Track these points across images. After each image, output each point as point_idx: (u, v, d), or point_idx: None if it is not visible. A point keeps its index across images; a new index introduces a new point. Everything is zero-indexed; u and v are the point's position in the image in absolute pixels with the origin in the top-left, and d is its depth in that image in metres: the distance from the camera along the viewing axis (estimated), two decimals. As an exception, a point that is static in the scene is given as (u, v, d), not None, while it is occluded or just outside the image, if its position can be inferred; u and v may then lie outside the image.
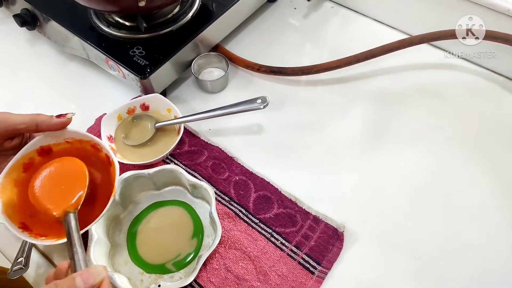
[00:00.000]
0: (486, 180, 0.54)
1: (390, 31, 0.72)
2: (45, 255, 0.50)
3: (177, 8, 0.64)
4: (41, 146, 0.40)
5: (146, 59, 0.58)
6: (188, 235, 0.50)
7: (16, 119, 0.36)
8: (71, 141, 0.41)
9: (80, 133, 0.40)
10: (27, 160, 0.39)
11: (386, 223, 0.51)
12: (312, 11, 0.76)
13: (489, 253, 0.48)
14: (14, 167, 0.38)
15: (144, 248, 0.49)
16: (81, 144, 0.41)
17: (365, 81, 0.65)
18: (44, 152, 0.40)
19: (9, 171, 0.38)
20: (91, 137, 0.40)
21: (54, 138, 0.40)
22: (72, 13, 0.64)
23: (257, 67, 0.64)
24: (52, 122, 0.37)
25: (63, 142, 0.41)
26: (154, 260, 0.48)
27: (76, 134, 0.40)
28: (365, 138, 0.59)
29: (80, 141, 0.41)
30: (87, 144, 0.41)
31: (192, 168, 0.55)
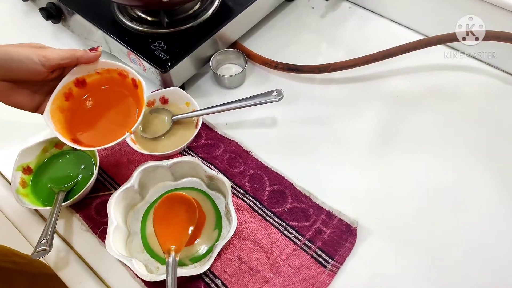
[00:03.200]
0: (499, 182, 0.54)
1: (407, 32, 0.72)
2: (65, 240, 0.51)
3: (198, 4, 0.66)
4: (77, 78, 0.47)
5: (167, 53, 0.59)
6: (211, 226, 0.51)
7: (60, 55, 0.41)
8: (100, 71, 0.48)
9: (108, 63, 0.47)
10: (67, 90, 0.47)
11: (399, 221, 0.51)
12: (330, 11, 0.76)
13: (501, 254, 0.48)
14: (57, 96, 0.45)
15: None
16: (109, 73, 0.48)
17: (380, 81, 0.66)
18: (79, 83, 0.48)
19: (54, 100, 0.45)
20: (118, 65, 0.47)
21: (86, 70, 0.47)
22: (96, 8, 0.66)
23: (274, 64, 0.65)
24: (90, 55, 0.44)
25: (94, 73, 0.48)
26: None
27: (104, 64, 0.47)
28: (379, 137, 0.59)
29: (108, 70, 0.48)
30: (114, 73, 0.48)
31: (209, 161, 0.57)
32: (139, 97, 0.48)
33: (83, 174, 0.55)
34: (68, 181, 0.54)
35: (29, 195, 0.52)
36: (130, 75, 0.48)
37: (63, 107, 0.47)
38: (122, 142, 0.57)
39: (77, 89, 0.48)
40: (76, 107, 0.48)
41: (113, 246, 0.45)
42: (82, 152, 0.57)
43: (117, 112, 0.49)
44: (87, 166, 0.55)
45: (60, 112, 0.46)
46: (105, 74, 0.48)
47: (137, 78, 0.47)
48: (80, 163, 0.56)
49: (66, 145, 0.56)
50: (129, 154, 0.57)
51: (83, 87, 0.48)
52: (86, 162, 0.56)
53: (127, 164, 0.56)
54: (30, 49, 0.40)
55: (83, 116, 0.48)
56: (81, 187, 0.52)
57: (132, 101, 0.49)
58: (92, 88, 0.49)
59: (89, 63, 0.46)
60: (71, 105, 0.47)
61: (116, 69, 0.48)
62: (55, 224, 0.47)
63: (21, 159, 0.53)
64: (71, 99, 0.48)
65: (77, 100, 0.48)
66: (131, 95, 0.49)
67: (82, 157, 0.56)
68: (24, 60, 0.39)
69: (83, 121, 0.48)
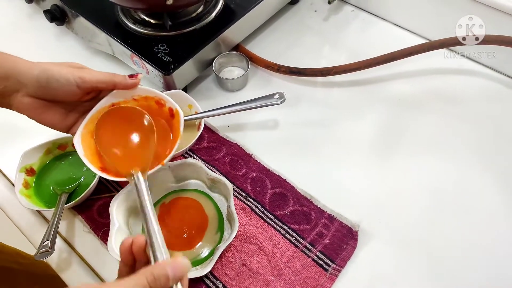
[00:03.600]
0: (500, 185, 0.54)
1: (409, 35, 0.72)
2: (68, 241, 0.51)
3: (201, 7, 0.66)
4: (112, 103, 0.44)
5: (170, 56, 0.59)
6: (214, 229, 0.51)
7: (97, 78, 0.40)
8: (137, 98, 0.45)
9: (147, 90, 0.45)
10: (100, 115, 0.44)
11: (401, 224, 0.51)
12: (332, 14, 0.77)
13: (503, 256, 0.48)
14: (90, 120, 0.43)
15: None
16: (147, 101, 0.46)
17: (382, 84, 0.66)
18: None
19: (86, 124, 0.43)
20: (156, 92, 0.45)
21: (123, 95, 0.44)
22: (100, 10, 0.66)
23: (277, 67, 0.66)
24: (128, 83, 0.42)
25: (131, 99, 0.45)
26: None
27: (142, 91, 0.45)
28: (381, 140, 0.59)
29: (146, 98, 0.46)
30: (151, 101, 0.46)
31: (211, 164, 0.57)
32: (175, 127, 0.45)
33: (86, 175, 0.55)
34: (71, 182, 0.54)
35: (31, 197, 0.53)
36: (167, 104, 0.46)
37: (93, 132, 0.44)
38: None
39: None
40: (106, 134, 0.44)
41: (115, 248, 0.45)
42: None
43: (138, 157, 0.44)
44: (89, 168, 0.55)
45: (91, 137, 0.44)
46: (142, 101, 0.46)
47: (175, 108, 0.45)
48: (82, 164, 0.55)
49: (69, 147, 0.57)
50: (132, 156, 0.57)
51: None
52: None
53: (130, 166, 0.57)
54: (68, 69, 0.39)
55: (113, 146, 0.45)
56: (84, 188, 0.52)
57: (167, 131, 0.47)
58: (125, 115, 0.45)
59: (126, 90, 0.44)
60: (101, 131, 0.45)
61: (154, 97, 0.46)
62: (57, 225, 0.48)
63: (24, 160, 0.53)
64: None
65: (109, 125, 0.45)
66: (167, 125, 0.47)
67: None
68: (61, 80, 0.38)
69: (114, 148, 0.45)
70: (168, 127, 0.47)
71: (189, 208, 0.53)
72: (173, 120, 0.45)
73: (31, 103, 0.38)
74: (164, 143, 0.46)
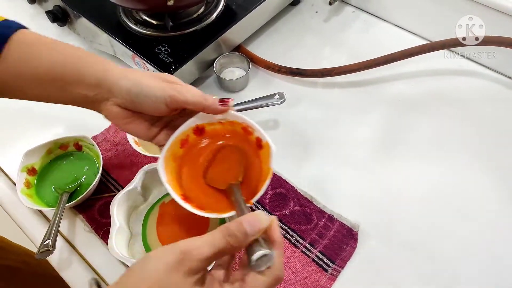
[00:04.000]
0: (501, 186, 0.54)
1: (410, 36, 0.72)
2: (68, 240, 0.52)
3: (202, 8, 0.66)
4: (197, 125, 0.42)
5: (171, 57, 0.60)
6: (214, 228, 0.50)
7: (187, 99, 0.38)
8: (223, 122, 0.42)
9: (234, 115, 0.41)
10: (184, 137, 0.42)
11: (401, 225, 0.51)
12: (333, 15, 0.77)
13: (504, 259, 0.48)
14: (174, 142, 0.41)
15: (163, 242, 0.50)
16: (232, 125, 0.42)
17: (382, 85, 0.66)
18: (198, 131, 0.42)
19: (170, 146, 0.40)
20: (243, 118, 0.41)
21: (209, 118, 0.41)
22: (102, 11, 0.66)
23: (278, 68, 0.66)
24: (218, 109, 0.39)
25: (216, 122, 0.42)
26: None
27: (230, 115, 0.41)
28: (382, 141, 0.59)
29: (232, 122, 0.42)
30: (238, 126, 0.42)
31: (211, 164, 0.57)
32: (262, 160, 0.40)
33: (87, 175, 0.55)
34: (72, 182, 0.55)
35: (33, 196, 0.53)
36: (255, 133, 0.41)
37: (176, 155, 0.42)
38: (126, 143, 0.58)
39: (194, 136, 0.43)
40: (188, 156, 0.42)
41: (115, 247, 0.46)
42: (85, 154, 0.57)
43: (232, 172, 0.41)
44: (90, 167, 0.56)
45: (173, 161, 0.41)
46: (227, 125, 0.42)
47: (265, 139, 0.40)
48: (84, 164, 0.56)
49: (70, 147, 0.57)
50: (133, 156, 0.58)
51: (201, 134, 0.43)
52: (89, 164, 0.56)
53: (130, 166, 0.57)
54: (160, 85, 0.38)
55: (194, 168, 0.42)
56: (85, 188, 0.52)
57: (253, 164, 0.41)
58: (210, 138, 0.43)
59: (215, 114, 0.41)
60: (184, 152, 0.42)
61: (242, 123, 0.41)
62: (58, 224, 0.48)
63: (26, 160, 0.54)
64: (185, 146, 0.42)
65: (192, 148, 0.43)
66: (253, 156, 0.42)
67: (86, 158, 0.57)
68: (150, 97, 0.37)
69: (193, 174, 0.42)
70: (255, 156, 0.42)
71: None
72: (259, 151, 0.41)
73: (119, 113, 0.38)
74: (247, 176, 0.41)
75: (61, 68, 0.36)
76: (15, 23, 0.36)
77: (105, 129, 0.61)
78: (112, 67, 0.38)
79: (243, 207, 0.34)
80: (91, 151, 0.57)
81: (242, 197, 0.36)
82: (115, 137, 0.60)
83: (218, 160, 0.41)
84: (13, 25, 0.36)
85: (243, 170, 0.40)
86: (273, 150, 0.39)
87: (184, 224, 0.51)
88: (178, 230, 0.51)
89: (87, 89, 0.37)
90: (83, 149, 0.57)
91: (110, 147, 0.59)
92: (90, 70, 0.37)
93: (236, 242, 0.29)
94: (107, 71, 0.37)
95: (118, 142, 0.59)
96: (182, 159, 0.42)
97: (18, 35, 0.35)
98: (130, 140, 0.56)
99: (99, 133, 0.60)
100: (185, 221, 0.51)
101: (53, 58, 0.36)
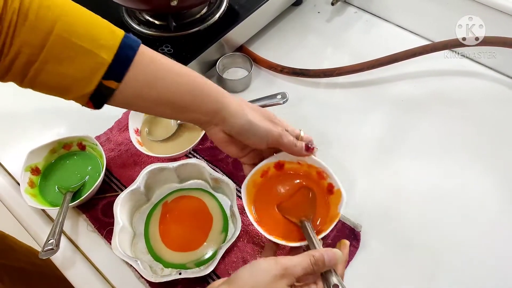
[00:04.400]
0: (502, 187, 0.54)
1: (412, 36, 0.72)
2: (72, 240, 0.52)
3: (205, 8, 0.67)
4: (279, 161, 0.47)
5: (174, 57, 0.60)
6: (219, 228, 0.51)
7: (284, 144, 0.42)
8: (302, 163, 0.47)
9: (314, 160, 0.46)
10: (266, 168, 0.47)
11: (403, 225, 0.51)
12: (336, 16, 0.77)
13: (506, 259, 0.48)
14: (256, 172, 0.46)
15: (165, 241, 0.50)
16: (309, 168, 0.47)
17: (384, 86, 0.66)
18: (278, 166, 0.47)
19: (254, 173, 0.46)
20: (320, 164, 0.45)
21: (290, 157, 0.46)
22: (104, 11, 0.65)
23: (280, 68, 0.66)
24: (303, 154, 0.44)
25: (295, 162, 0.47)
26: (174, 259, 0.49)
27: (309, 160, 0.46)
28: (384, 141, 0.59)
29: (309, 165, 0.47)
30: (314, 170, 0.47)
31: (214, 164, 0.57)
32: (330, 204, 0.45)
33: (90, 174, 0.55)
34: (76, 181, 0.55)
35: (37, 196, 0.53)
36: (329, 180, 0.45)
37: (255, 182, 0.47)
38: (129, 143, 0.58)
39: (274, 170, 0.48)
40: (265, 186, 0.47)
41: (119, 246, 0.46)
42: (89, 153, 0.57)
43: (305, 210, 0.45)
44: (94, 167, 0.56)
45: (252, 187, 0.47)
46: (304, 167, 0.47)
47: (337, 187, 0.44)
48: (87, 164, 0.56)
49: (74, 146, 0.57)
50: (136, 156, 0.58)
51: (280, 169, 0.48)
52: (93, 164, 0.56)
53: (133, 166, 0.57)
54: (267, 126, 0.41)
55: (269, 197, 0.47)
56: (88, 187, 0.53)
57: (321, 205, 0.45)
58: (286, 174, 0.48)
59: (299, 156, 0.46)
60: (262, 182, 0.47)
61: (318, 167, 0.46)
62: (62, 224, 0.48)
63: (30, 159, 0.54)
64: (264, 177, 0.47)
65: (270, 179, 0.48)
66: (322, 198, 0.46)
67: (89, 158, 0.57)
68: (257, 135, 0.41)
69: (267, 202, 0.46)
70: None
71: (193, 207, 0.53)
72: (329, 195, 0.46)
73: (223, 138, 0.42)
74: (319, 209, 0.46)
75: (180, 96, 0.38)
76: (134, 41, 0.37)
77: (108, 129, 0.61)
78: (231, 101, 0.40)
79: (316, 241, 0.39)
80: (94, 150, 0.57)
81: (314, 232, 0.41)
82: (118, 137, 0.60)
83: (295, 197, 0.46)
84: (134, 44, 0.36)
85: (314, 211, 0.45)
86: (344, 198, 0.43)
87: (186, 224, 0.51)
88: (180, 230, 0.51)
89: (202, 115, 0.40)
90: (87, 148, 0.57)
91: (113, 147, 0.59)
92: (207, 100, 0.39)
93: (317, 270, 0.35)
94: (224, 104, 0.40)
95: (121, 142, 0.59)
96: (260, 187, 0.47)
97: (139, 56, 0.36)
98: (133, 140, 0.56)
99: (102, 133, 0.60)
100: (187, 221, 0.52)
101: (173, 86, 0.38)
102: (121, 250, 0.46)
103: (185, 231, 0.51)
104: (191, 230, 0.51)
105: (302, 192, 0.47)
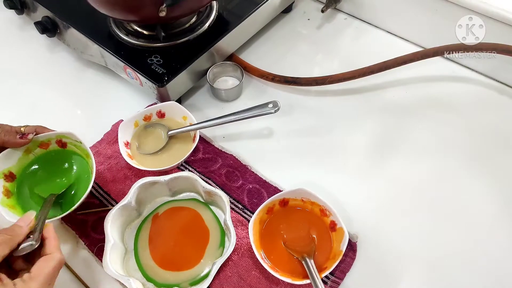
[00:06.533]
0: (495, 191, 0.54)
1: (403, 43, 0.72)
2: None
3: (194, 18, 0.66)
4: (284, 198, 0.50)
5: (164, 68, 0.59)
6: (216, 243, 0.49)
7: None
8: (305, 200, 0.50)
9: (317, 198, 0.48)
10: (272, 205, 0.50)
11: (399, 234, 0.51)
12: (326, 23, 0.77)
13: (502, 264, 0.48)
14: (263, 209, 0.49)
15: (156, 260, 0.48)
16: (312, 205, 0.50)
17: (376, 92, 0.66)
18: (283, 203, 0.51)
19: (260, 210, 0.49)
20: (324, 202, 0.48)
21: (294, 195, 0.50)
22: (92, 22, 0.65)
23: (271, 77, 0.65)
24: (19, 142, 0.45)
25: (299, 199, 0.50)
26: (167, 279, 0.47)
27: (312, 197, 0.49)
28: (376, 149, 0.59)
29: (312, 203, 0.50)
30: (317, 207, 0.50)
31: (207, 176, 0.56)
32: (332, 241, 0.48)
33: (78, 176, 0.52)
34: (61, 185, 0.50)
35: (15, 206, 0.47)
36: (331, 218, 0.48)
37: (262, 219, 0.49)
38: (119, 156, 0.56)
39: (279, 207, 0.50)
40: (271, 223, 0.50)
41: (110, 265, 0.44)
42: (71, 151, 0.53)
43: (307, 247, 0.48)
44: (80, 167, 0.52)
45: (259, 224, 0.49)
46: (308, 204, 0.50)
47: (340, 225, 0.47)
48: (71, 164, 0.52)
49: (52, 144, 0.52)
50: (126, 170, 0.57)
51: (284, 206, 0.51)
52: (78, 163, 0.52)
53: (124, 180, 0.56)
54: None
55: (274, 232, 0.49)
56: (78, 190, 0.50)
57: (322, 241, 0.48)
58: (290, 210, 0.51)
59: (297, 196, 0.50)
60: (268, 218, 0.50)
61: (321, 205, 0.49)
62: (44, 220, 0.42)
63: (1, 164, 0.47)
64: (269, 214, 0.50)
65: (275, 216, 0.50)
66: (324, 234, 0.49)
67: (72, 157, 0.53)
68: None
69: (272, 237, 0.49)
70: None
71: (187, 220, 0.51)
72: (332, 232, 0.48)
73: None
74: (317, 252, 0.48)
75: None
76: None
77: (97, 142, 0.59)
78: None
79: (318, 280, 0.42)
80: (78, 148, 0.52)
81: (316, 269, 0.44)
82: (108, 150, 0.59)
83: (297, 234, 0.49)
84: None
85: (315, 249, 0.47)
86: (346, 236, 0.45)
87: (179, 239, 0.50)
88: (173, 246, 0.49)
89: None
90: (68, 146, 0.52)
91: (103, 160, 0.58)
92: None
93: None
94: None
95: (111, 156, 0.58)
96: (266, 224, 0.50)
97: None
98: (123, 153, 0.55)
99: (91, 146, 0.59)
100: (181, 236, 0.50)
101: None
102: (113, 269, 0.44)
103: (178, 247, 0.49)
104: (186, 246, 0.49)
105: (304, 229, 0.49)
